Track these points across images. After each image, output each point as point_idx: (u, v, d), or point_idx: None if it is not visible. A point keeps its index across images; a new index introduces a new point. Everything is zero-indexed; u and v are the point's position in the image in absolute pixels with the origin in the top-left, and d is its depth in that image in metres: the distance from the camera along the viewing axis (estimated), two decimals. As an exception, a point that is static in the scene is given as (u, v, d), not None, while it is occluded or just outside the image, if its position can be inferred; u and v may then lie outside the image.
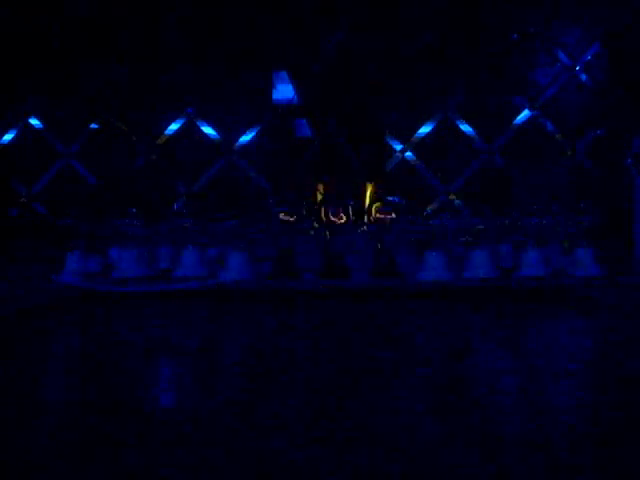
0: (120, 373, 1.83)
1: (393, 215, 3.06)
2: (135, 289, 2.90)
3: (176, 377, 1.85)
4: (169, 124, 6.22)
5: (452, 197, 6.00)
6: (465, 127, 6.08)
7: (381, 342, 2.21)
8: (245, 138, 6.13)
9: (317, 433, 1.33)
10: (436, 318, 2.58)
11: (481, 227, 2.98)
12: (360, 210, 3.41)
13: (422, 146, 6.07)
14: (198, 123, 6.21)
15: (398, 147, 6.02)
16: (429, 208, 5.75)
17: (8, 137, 6.28)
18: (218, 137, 6.17)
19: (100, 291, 2.90)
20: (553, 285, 2.92)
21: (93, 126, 6.26)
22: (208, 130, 6.19)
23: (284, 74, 6.09)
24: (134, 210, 3.21)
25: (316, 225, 3.19)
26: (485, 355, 2.08)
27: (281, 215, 3.08)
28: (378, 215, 3.13)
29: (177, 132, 6.22)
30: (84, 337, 2.36)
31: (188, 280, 2.91)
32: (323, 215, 3.23)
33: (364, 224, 3.22)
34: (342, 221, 2.97)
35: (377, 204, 3.14)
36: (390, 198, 3.20)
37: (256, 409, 1.49)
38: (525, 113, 6.07)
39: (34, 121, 6.29)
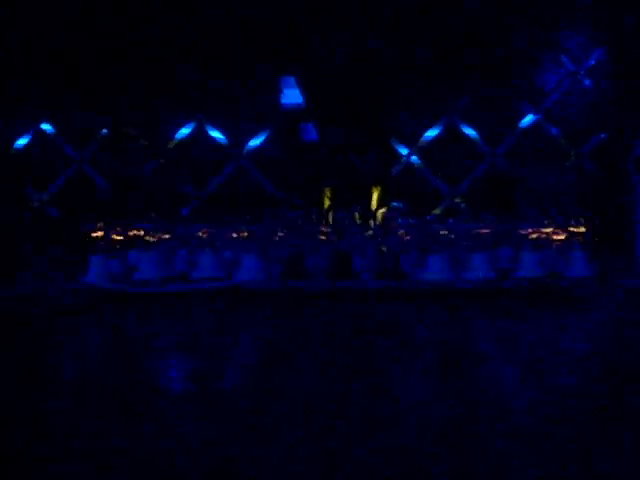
0: (139, 367, 2.03)
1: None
2: (156, 290, 3.15)
3: (192, 371, 2.05)
4: (179, 129, 6.43)
5: (458, 200, 6.21)
6: (470, 131, 6.29)
7: (386, 338, 2.43)
8: (254, 142, 6.34)
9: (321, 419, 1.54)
10: (438, 316, 2.81)
11: (482, 231, 3.21)
12: (367, 214, 3.63)
13: (428, 150, 6.29)
14: (208, 128, 6.43)
15: (404, 152, 6.24)
16: (434, 212, 5.96)
17: (22, 142, 6.51)
18: (227, 142, 6.38)
19: (123, 291, 3.15)
20: (548, 285, 3.16)
21: (104, 131, 6.47)
22: (217, 135, 6.41)
23: (292, 79, 6.28)
24: (152, 215, 3.45)
25: (324, 229, 3.42)
26: (484, 348, 2.29)
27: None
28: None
29: (187, 137, 6.44)
30: (109, 333, 2.58)
31: (205, 281, 3.16)
32: (331, 219, 3.47)
33: (370, 228, 3.45)
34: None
35: (382, 210, 3.37)
36: (395, 204, 3.43)
37: (265, 400, 1.69)
38: (529, 118, 6.27)
39: (46, 126, 6.50)
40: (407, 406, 1.63)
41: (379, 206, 4.97)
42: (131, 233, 3.37)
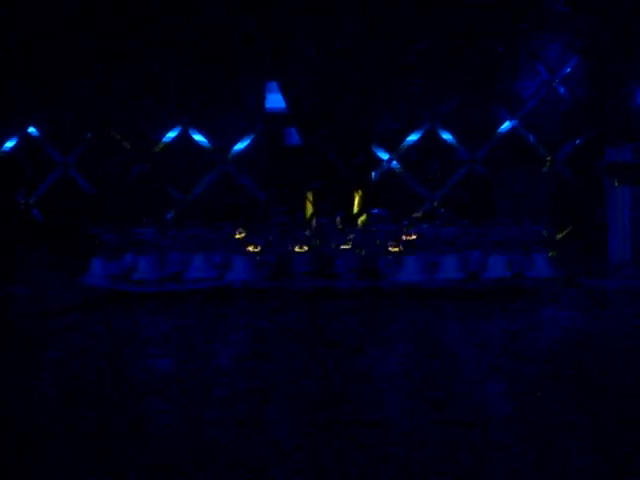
0: (135, 363, 2.35)
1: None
2: (153, 289, 3.50)
3: (184, 360, 2.38)
4: (164, 133, 6.73)
5: (437, 204, 6.57)
6: (449, 137, 6.65)
7: (364, 331, 2.80)
8: (239, 147, 6.65)
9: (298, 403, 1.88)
10: (412, 312, 3.19)
11: (453, 235, 3.60)
12: (348, 219, 3.98)
13: (408, 156, 6.64)
14: (192, 132, 6.73)
15: (385, 157, 6.59)
16: (414, 215, 6.32)
17: (9, 144, 6.78)
18: (212, 146, 6.69)
19: (121, 291, 3.50)
20: (513, 286, 3.54)
21: (90, 135, 6.75)
22: (202, 139, 6.71)
23: (275, 84, 6.59)
24: (144, 219, 3.79)
25: (308, 233, 3.79)
26: (450, 338, 2.66)
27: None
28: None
29: (172, 141, 6.74)
30: (108, 330, 2.92)
31: (198, 281, 3.53)
32: (314, 224, 3.83)
33: (351, 232, 3.81)
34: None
35: (363, 218, 3.74)
36: (375, 210, 3.80)
37: (254, 383, 2.03)
38: (507, 124, 6.65)
39: (32, 129, 6.79)
40: (386, 387, 1.95)
41: (360, 211, 5.32)
42: (128, 236, 3.71)
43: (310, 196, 5.98)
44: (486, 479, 1.23)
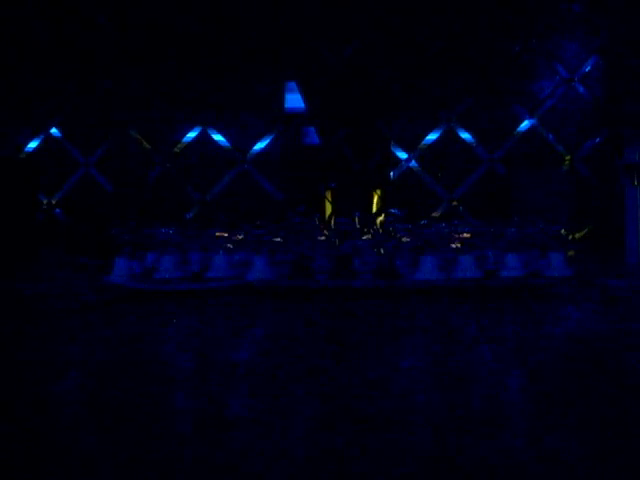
0: (155, 360, 2.42)
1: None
2: (175, 288, 3.59)
3: (206, 348, 2.46)
4: (184, 133, 6.86)
5: (455, 204, 6.65)
6: (468, 136, 6.73)
7: (381, 330, 2.87)
8: (258, 147, 6.76)
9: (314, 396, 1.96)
10: (429, 311, 3.26)
11: (470, 234, 3.66)
12: (366, 219, 4.05)
13: (426, 155, 6.73)
14: (211, 132, 6.85)
15: (403, 156, 6.68)
16: (433, 215, 6.40)
17: (32, 145, 6.94)
18: (231, 146, 6.81)
19: (144, 289, 3.59)
20: (529, 284, 3.60)
21: (110, 136, 6.90)
22: (221, 139, 6.83)
23: (294, 84, 6.70)
24: (167, 219, 3.88)
25: (327, 233, 3.86)
26: (467, 334, 2.72)
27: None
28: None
29: (192, 141, 6.87)
30: (130, 328, 3.00)
31: (219, 280, 3.61)
32: (333, 224, 3.90)
33: (369, 232, 3.88)
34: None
35: (381, 218, 3.81)
36: (393, 210, 3.87)
37: (272, 371, 2.13)
38: (525, 123, 6.71)
39: (54, 130, 6.94)
40: (399, 379, 2.02)
41: (378, 211, 5.40)
42: (149, 236, 3.81)
43: (329, 195, 6.08)
44: (504, 468, 1.29)
